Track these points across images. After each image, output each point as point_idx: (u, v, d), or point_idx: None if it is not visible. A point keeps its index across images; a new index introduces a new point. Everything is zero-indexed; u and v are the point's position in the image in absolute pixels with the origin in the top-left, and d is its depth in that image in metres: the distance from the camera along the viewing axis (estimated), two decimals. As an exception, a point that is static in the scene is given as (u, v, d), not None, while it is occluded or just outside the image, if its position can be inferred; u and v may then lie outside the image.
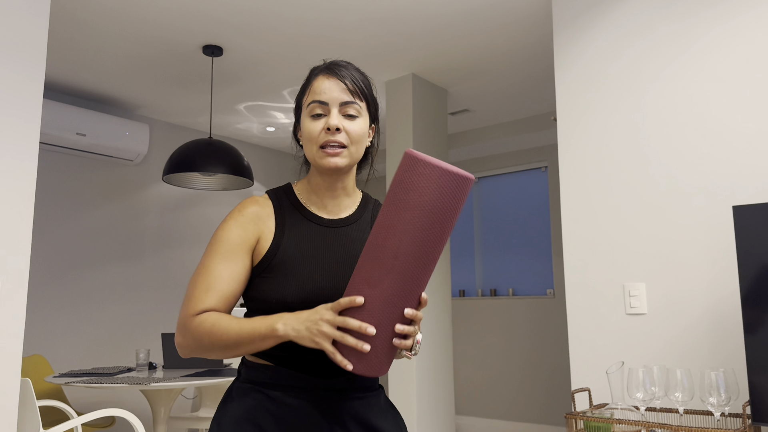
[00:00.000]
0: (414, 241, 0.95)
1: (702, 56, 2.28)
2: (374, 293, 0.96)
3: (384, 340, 0.98)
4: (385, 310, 0.97)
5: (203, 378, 3.04)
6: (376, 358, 0.98)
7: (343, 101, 1.17)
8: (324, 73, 1.19)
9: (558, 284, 4.99)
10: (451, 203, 0.96)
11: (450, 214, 0.96)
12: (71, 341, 4.21)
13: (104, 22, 3.20)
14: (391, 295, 0.96)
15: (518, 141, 5.08)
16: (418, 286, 0.98)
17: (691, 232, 2.23)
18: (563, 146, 2.60)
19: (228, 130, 5.19)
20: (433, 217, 0.95)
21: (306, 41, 3.47)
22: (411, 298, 0.98)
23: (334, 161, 1.16)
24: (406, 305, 0.98)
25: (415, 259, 0.96)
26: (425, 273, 0.98)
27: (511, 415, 5.07)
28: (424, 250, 0.96)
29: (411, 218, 0.95)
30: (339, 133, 1.16)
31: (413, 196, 0.95)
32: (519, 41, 3.51)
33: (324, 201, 1.24)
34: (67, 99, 4.33)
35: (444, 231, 0.97)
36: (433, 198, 0.95)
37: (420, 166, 0.95)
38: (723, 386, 1.80)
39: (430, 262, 0.98)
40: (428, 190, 0.94)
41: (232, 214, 1.19)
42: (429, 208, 0.95)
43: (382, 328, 0.97)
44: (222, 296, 1.12)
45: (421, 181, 0.94)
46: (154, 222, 4.79)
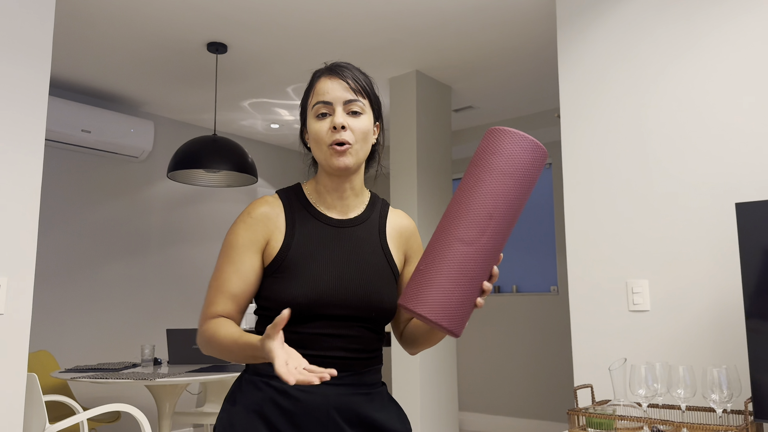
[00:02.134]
0: (507, 203, 1.04)
1: (705, 54, 2.27)
2: (470, 250, 1.03)
3: (472, 297, 1.03)
4: (479, 266, 1.03)
5: (208, 373, 3.06)
6: (463, 314, 1.03)
7: (347, 99, 1.19)
8: (326, 74, 1.22)
9: (562, 281, 4.99)
10: (536, 172, 1.07)
11: (533, 182, 1.07)
12: (77, 337, 4.24)
13: (109, 19, 3.22)
14: (485, 252, 1.03)
15: (522, 138, 5.07)
16: (503, 246, 1.06)
17: (694, 229, 2.23)
18: (567, 143, 2.60)
19: (232, 127, 5.21)
20: (523, 182, 1.05)
21: (310, 38, 3.48)
22: (497, 256, 1.06)
23: (344, 161, 1.18)
24: (494, 263, 1.05)
25: (506, 219, 1.04)
26: (509, 233, 1.07)
27: (514, 411, 5.08)
28: (513, 212, 1.05)
29: (506, 182, 1.04)
30: (345, 130, 1.18)
31: (508, 162, 1.04)
32: (523, 38, 3.51)
33: (333, 201, 1.25)
34: (72, 96, 4.35)
35: (527, 196, 1.07)
36: (526, 164, 1.05)
37: (513, 136, 1.05)
38: (725, 383, 1.81)
39: (514, 224, 1.07)
40: (521, 158, 1.05)
41: (241, 216, 1.22)
42: (520, 174, 1.05)
43: (474, 284, 1.03)
44: (232, 298, 1.18)
45: (515, 150, 1.05)
46: (159, 218, 4.81)
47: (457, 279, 1.01)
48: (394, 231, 1.31)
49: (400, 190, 3.99)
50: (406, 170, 3.98)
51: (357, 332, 1.19)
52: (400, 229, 1.32)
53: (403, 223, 1.34)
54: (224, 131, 5.33)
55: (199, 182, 3.88)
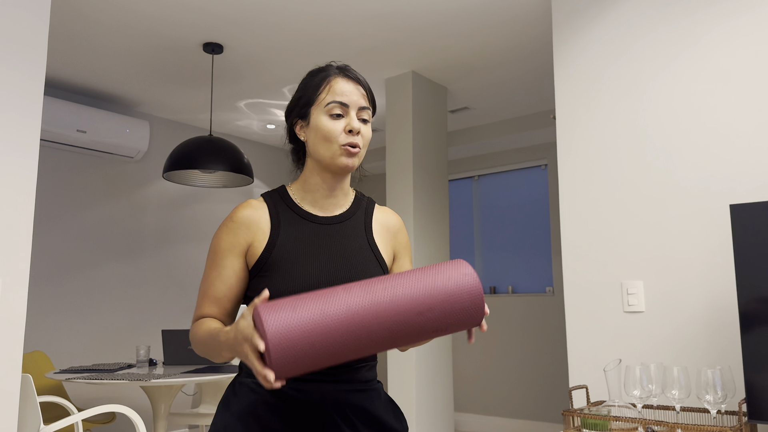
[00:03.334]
0: (423, 333, 1.00)
1: (700, 56, 2.28)
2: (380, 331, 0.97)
3: (319, 359, 0.96)
4: (357, 336, 0.96)
5: (203, 374, 3.06)
6: (296, 366, 0.95)
7: (361, 106, 1.23)
8: (342, 75, 1.23)
9: (557, 282, 5.00)
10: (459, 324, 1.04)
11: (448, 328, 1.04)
12: (72, 337, 4.23)
13: (105, 19, 3.21)
14: (376, 331, 0.98)
15: (518, 139, 5.08)
16: (374, 344, 1.00)
17: (688, 231, 2.24)
18: (562, 144, 2.61)
19: (228, 127, 5.20)
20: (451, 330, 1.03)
21: (306, 39, 3.48)
22: (363, 347, 0.99)
23: (352, 161, 1.21)
24: (358, 349, 0.98)
25: (397, 331, 0.99)
26: (383, 341, 0.99)
27: (510, 412, 5.09)
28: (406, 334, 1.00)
29: (440, 323, 1.00)
30: (359, 135, 1.21)
31: (457, 318, 1.01)
32: (519, 39, 3.52)
33: (320, 200, 1.26)
34: (67, 96, 4.33)
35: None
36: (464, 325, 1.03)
37: (479, 307, 1.02)
38: (719, 384, 1.81)
39: (390, 339, 1.00)
40: (469, 322, 1.02)
41: (224, 221, 1.24)
42: (456, 328, 1.03)
43: (334, 348, 0.96)
44: (216, 302, 1.21)
45: (469, 315, 1.02)
46: (155, 219, 4.80)
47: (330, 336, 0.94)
48: (381, 227, 1.32)
49: (396, 190, 3.99)
50: (402, 171, 3.98)
51: None
52: (387, 225, 1.33)
53: (390, 219, 1.34)
54: (220, 132, 5.33)
55: (195, 183, 3.87)
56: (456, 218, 5.76)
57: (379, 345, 0.98)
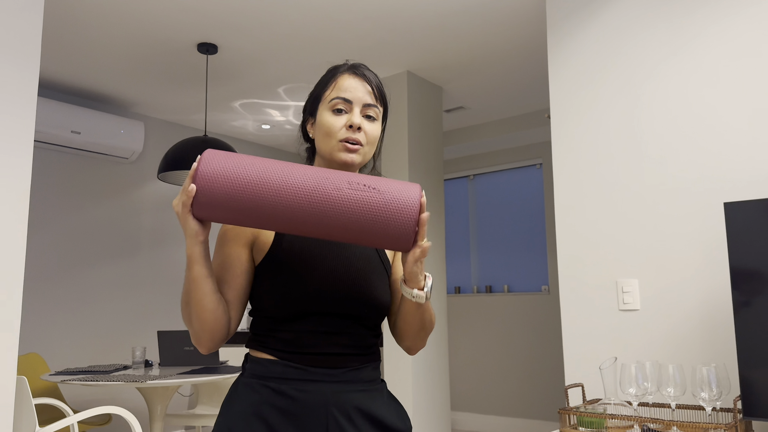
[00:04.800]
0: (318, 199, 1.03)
1: (695, 54, 2.29)
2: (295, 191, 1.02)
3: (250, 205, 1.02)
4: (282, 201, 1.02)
5: (200, 375, 3.05)
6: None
7: (366, 103, 1.21)
8: (350, 71, 1.23)
9: (553, 280, 5.01)
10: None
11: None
12: (67, 339, 4.21)
13: (99, 19, 3.20)
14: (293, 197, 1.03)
15: (513, 138, 5.09)
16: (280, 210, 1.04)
17: (683, 229, 2.25)
18: (557, 143, 2.61)
19: (223, 127, 5.19)
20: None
21: (301, 39, 3.48)
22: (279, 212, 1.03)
23: (351, 157, 1.19)
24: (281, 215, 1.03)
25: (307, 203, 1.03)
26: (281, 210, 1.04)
27: (506, 410, 5.10)
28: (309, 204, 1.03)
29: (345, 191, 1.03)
30: (359, 132, 1.19)
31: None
32: (513, 39, 3.53)
33: None
34: (61, 97, 4.32)
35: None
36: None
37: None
38: (714, 381, 1.82)
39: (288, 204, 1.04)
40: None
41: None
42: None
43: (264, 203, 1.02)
44: (216, 277, 1.20)
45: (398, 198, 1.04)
46: (150, 220, 4.79)
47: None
48: None
49: (392, 190, 3.99)
50: (398, 170, 3.98)
51: (351, 328, 1.19)
52: None
53: None
54: (215, 132, 5.32)
55: (190, 183, 3.86)
56: (451, 217, 5.77)
57: (303, 216, 1.01)
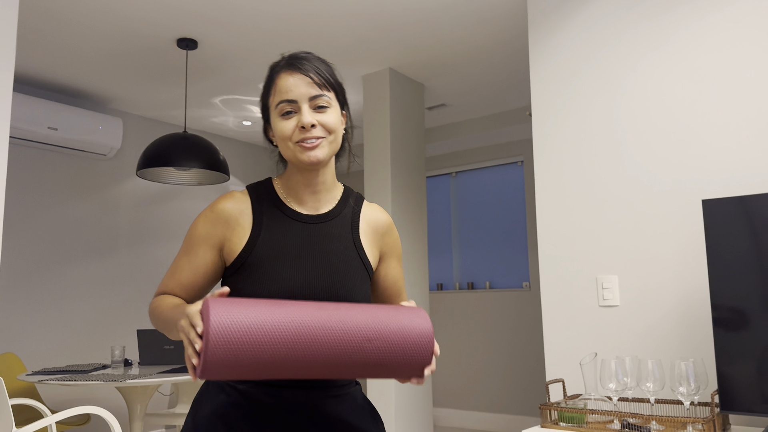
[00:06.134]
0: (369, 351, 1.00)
1: (674, 53, 2.32)
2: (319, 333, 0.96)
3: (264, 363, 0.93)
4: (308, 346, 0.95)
5: (180, 374, 3.02)
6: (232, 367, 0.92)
7: (312, 95, 1.14)
8: (286, 69, 1.16)
9: (534, 277, 5.04)
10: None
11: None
12: (44, 338, 4.15)
13: (77, 13, 3.15)
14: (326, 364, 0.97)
15: (494, 135, 5.11)
16: (312, 366, 0.98)
17: (662, 226, 2.27)
18: (538, 141, 2.63)
19: (203, 124, 5.15)
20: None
21: (282, 35, 3.45)
22: (306, 364, 0.97)
23: (315, 155, 1.14)
24: (303, 367, 0.96)
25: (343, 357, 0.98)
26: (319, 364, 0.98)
27: (488, 406, 5.13)
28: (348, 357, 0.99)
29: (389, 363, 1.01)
30: (314, 128, 1.14)
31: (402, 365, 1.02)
32: (495, 36, 3.54)
33: (304, 196, 1.21)
34: (38, 92, 4.25)
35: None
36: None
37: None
38: (692, 376, 1.84)
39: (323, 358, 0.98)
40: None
41: (204, 211, 1.20)
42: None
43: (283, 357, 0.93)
44: (181, 285, 1.18)
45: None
46: (128, 217, 4.73)
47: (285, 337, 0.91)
48: (369, 226, 1.26)
49: (374, 187, 3.99)
50: (380, 168, 3.97)
51: None
52: (375, 225, 1.28)
53: (379, 218, 1.29)
54: (195, 128, 5.27)
55: (170, 180, 3.82)
56: (434, 214, 5.78)
57: (324, 366, 0.96)
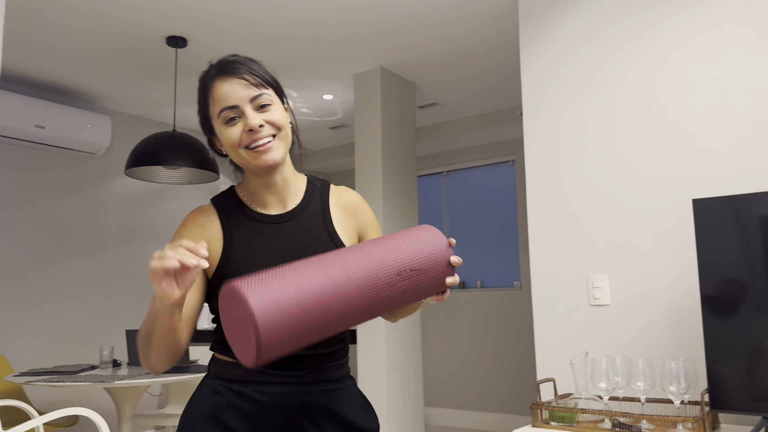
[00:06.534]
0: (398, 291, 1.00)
1: (664, 51, 2.32)
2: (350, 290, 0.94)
3: (307, 336, 0.92)
4: (343, 308, 0.93)
5: (169, 375, 3.00)
6: (285, 344, 0.89)
7: (252, 96, 1.13)
8: (219, 76, 1.15)
9: (525, 276, 5.05)
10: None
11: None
12: (32, 339, 4.11)
13: (65, 10, 3.12)
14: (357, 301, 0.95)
15: (486, 135, 5.11)
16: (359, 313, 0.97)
17: (652, 225, 2.28)
18: (529, 140, 2.62)
19: (192, 122, 5.11)
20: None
21: (272, 33, 3.43)
22: (349, 317, 0.95)
23: (271, 157, 1.13)
24: (346, 321, 0.95)
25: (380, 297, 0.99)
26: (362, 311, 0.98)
27: (479, 405, 5.13)
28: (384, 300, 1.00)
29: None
30: (262, 128, 1.12)
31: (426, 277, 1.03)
32: (486, 35, 3.53)
33: (267, 198, 1.21)
34: (25, 90, 4.20)
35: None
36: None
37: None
38: (683, 375, 1.85)
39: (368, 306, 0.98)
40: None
41: (178, 229, 1.19)
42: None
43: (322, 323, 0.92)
44: None
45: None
46: (117, 216, 4.70)
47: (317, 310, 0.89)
48: (339, 210, 1.25)
49: (365, 186, 3.98)
50: (371, 167, 3.96)
51: None
52: (346, 206, 1.26)
53: (349, 199, 1.27)
54: (184, 127, 5.23)
55: (159, 179, 3.79)
56: (425, 214, 5.77)
57: (367, 302, 0.94)
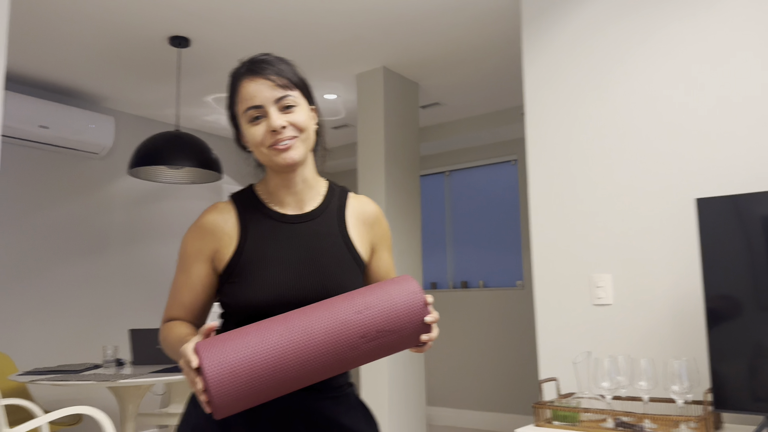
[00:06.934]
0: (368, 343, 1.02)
1: (666, 51, 2.32)
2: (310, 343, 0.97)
3: (262, 390, 0.97)
4: (299, 362, 0.97)
5: (172, 374, 3.01)
6: (239, 400, 0.95)
7: (277, 98, 1.14)
8: (247, 75, 1.16)
9: (527, 276, 5.05)
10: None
11: None
12: (36, 338, 4.13)
13: (68, 11, 3.13)
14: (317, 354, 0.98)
15: (488, 134, 5.11)
16: (312, 366, 1.00)
17: (655, 225, 2.28)
18: (531, 140, 2.63)
19: (196, 122, 5.12)
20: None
21: (275, 33, 3.44)
22: (306, 371, 0.99)
23: (290, 156, 1.14)
24: (301, 377, 0.98)
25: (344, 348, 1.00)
26: (322, 359, 1.00)
27: (481, 405, 5.13)
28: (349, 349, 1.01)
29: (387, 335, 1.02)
30: (285, 129, 1.14)
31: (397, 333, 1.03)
32: (489, 35, 3.53)
33: (286, 198, 1.21)
34: (29, 90, 4.21)
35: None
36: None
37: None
38: (685, 374, 1.85)
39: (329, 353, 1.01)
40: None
41: (191, 226, 1.21)
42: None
43: (278, 376, 0.96)
44: (183, 306, 1.20)
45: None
46: (121, 216, 4.71)
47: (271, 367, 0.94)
48: (357, 219, 1.25)
49: (368, 186, 3.98)
50: (374, 166, 3.97)
51: None
52: (363, 217, 1.26)
53: (366, 210, 1.27)
54: (187, 127, 5.24)
55: (162, 179, 3.80)
56: (427, 213, 5.78)
57: (327, 364, 0.98)
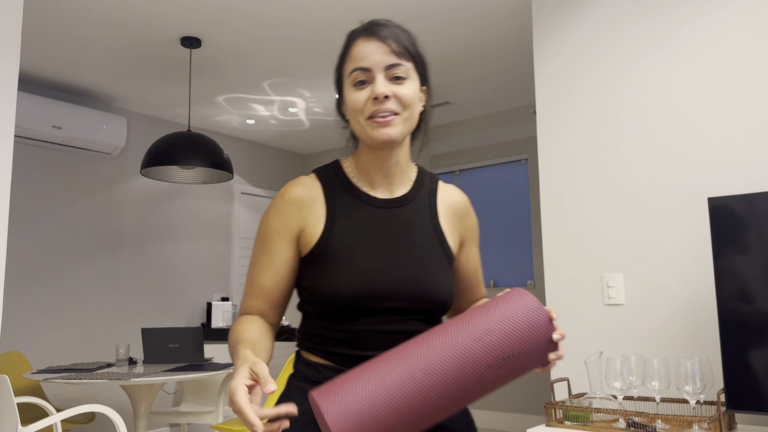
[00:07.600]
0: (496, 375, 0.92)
1: (680, 50, 2.30)
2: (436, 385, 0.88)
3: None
4: (426, 406, 0.87)
5: (184, 373, 3.03)
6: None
7: (388, 64, 1.03)
8: (363, 35, 1.06)
9: (538, 275, 5.03)
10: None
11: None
12: (49, 337, 4.16)
13: (81, 12, 3.15)
14: (444, 394, 0.88)
15: (499, 133, 5.10)
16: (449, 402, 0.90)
17: (668, 224, 2.26)
18: (542, 139, 2.62)
19: (207, 122, 5.15)
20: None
21: (286, 33, 3.45)
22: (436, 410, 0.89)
23: (387, 132, 1.03)
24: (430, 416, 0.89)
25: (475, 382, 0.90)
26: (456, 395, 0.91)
27: (492, 404, 5.12)
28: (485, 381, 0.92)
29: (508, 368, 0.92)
30: (388, 100, 1.03)
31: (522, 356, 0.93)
32: (500, 34, 3.52)
33: (377, 179, 1.11)
34: (42, 91, 4.25)
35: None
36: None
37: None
38: (698, 375, 1.83)
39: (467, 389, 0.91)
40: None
41: (273, 201, 1.10)
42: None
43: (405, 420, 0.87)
44: (263, 292, 1.09)
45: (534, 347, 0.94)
46: (133, 216, 4.74)
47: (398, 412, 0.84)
48: (447, 209, 1.16)
49: (378, 185, 3.99)
50: (384, 166, 3.97)
51: (411, 327, 1.05)
52: (454, 208, 1.17)
53: (457, 200, 1.18)
54: (199, 127, 5.27)
55: (174, 179, 3.82)
56: (437, 213, 5.77)
57: (453, 399, 0.88)
